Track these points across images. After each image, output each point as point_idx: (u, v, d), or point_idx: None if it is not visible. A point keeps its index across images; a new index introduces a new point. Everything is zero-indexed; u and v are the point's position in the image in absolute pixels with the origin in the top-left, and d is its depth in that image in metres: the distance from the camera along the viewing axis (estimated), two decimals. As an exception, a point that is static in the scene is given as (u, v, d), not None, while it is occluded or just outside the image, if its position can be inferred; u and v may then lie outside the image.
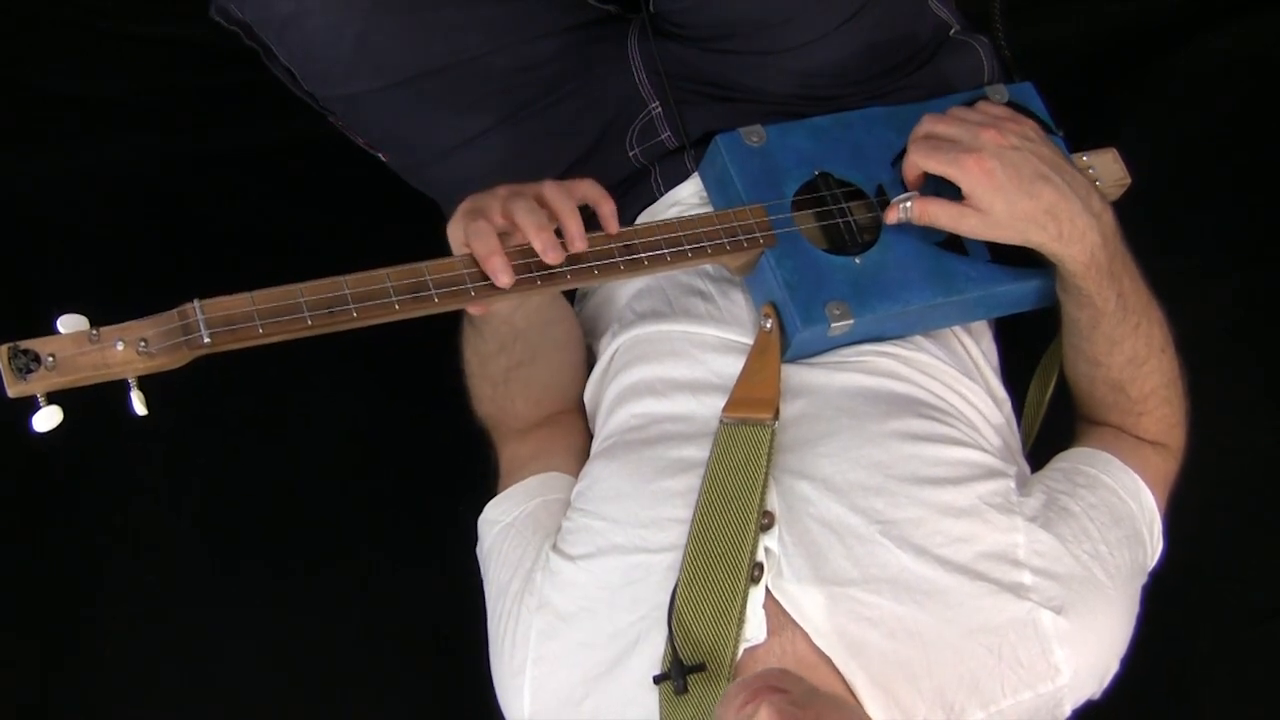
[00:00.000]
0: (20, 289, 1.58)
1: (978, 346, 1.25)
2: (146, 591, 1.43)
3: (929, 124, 1.15)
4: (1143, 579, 1.14)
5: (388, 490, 1.49)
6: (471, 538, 1.24)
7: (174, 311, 0.92)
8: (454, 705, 1.37)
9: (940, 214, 1.12)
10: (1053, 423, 1.30)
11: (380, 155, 1.42)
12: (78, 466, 1.41)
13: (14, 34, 1.68)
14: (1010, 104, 1.28)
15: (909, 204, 1.14)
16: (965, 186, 1.10)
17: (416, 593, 1.43)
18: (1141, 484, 1.15)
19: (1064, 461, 1.18)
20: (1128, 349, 1.16)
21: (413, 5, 1.27)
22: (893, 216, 1.15)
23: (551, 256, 1.01)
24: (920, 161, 1.13)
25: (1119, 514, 1.12)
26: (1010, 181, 1.09)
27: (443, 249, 1.06)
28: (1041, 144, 1.13)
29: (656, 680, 1.01)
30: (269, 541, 1.45)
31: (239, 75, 1.43)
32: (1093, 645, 1.05)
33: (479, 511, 1.23)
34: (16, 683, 1.39)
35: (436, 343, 1.21)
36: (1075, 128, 1.31)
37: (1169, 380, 1.19)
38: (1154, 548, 1.16)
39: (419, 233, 1.27)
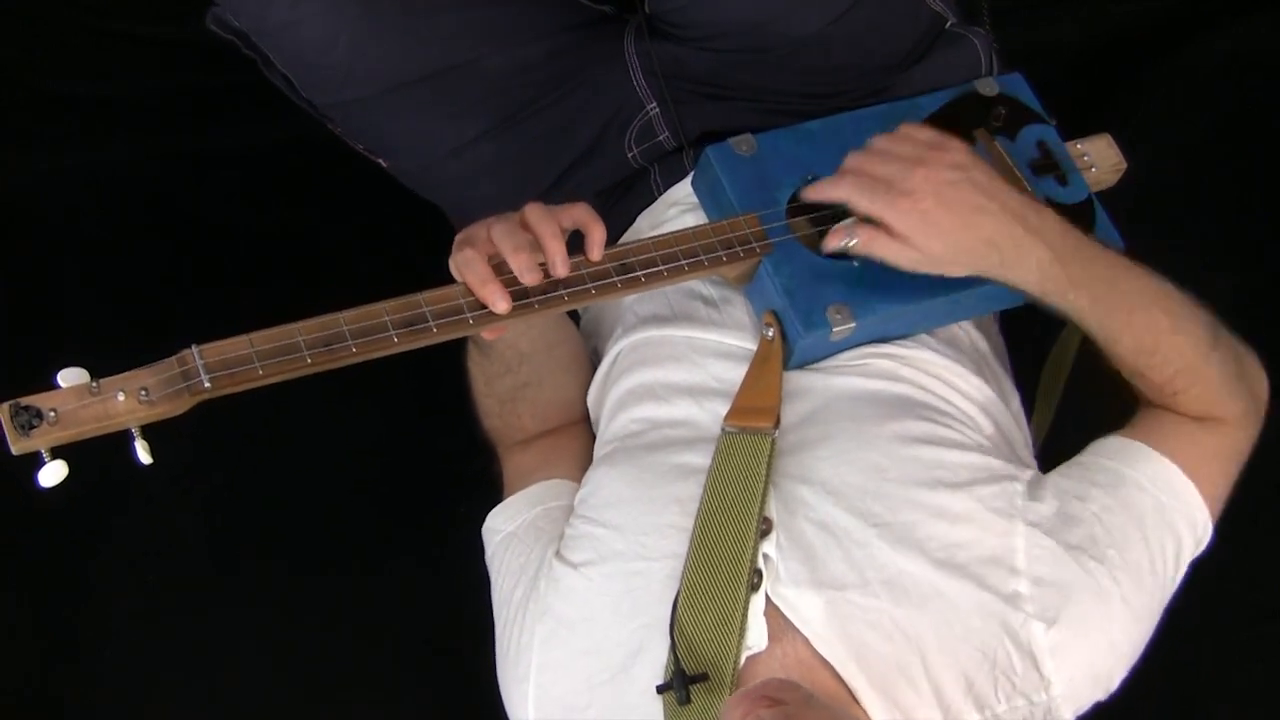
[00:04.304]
0: (20, 289, 1.58)
1: (985, 339, 1.25)
2: (148, 595, 1.43)
3: (858, 161, 1.11)
4: (1170, 573, 1.11)
5: (390, 494, 1.49)
6: (473, 540, 1.24)
7: (173, 359, 0.91)
8: (456, 710, 1.37)
9: (883, 249, 1.08)
10: (1066, 417, 1.30)
11: (380, 161, 1.42)
12: (80, 468, 1.41)
13: (15, 34, 1.69)
14: (1000, 95, 1.29)
15: (852, 236, 1.09)
16: (902, 230, 1.07)
17: (419, 596, 1.43)
18: (1176, 471, 1.12)
19: (1089, 455, 1.15)
20: (1128, 341, 1.13)
21: (405, 10, 1.27)
22: (833, 243, 1.11)
23: (528, 279, 1.00)
24: (854, 202, 1.09)
25: (1140, 511, 1.09)
26: (946, 220, 1.06)
27: (443, 248, 1.06)
28: (974, 168, 1.09)
29: (660, 690, 1.01)
30: (272, 544, 1.45)
31: (239, 75, 1.43)
32: (1089, 655, 1.04)
33: (481, 515, 1.23)
34: (19, 683, 1.39)
35: (439, 349, 1.21)
36: (1075, 127, 1.32)
37: (1190, 362, 1.14)
38: (1198, 536, 1.12)
39: (419, 232, 1.28)
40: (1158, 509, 1.10)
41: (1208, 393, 1.15)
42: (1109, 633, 1.06)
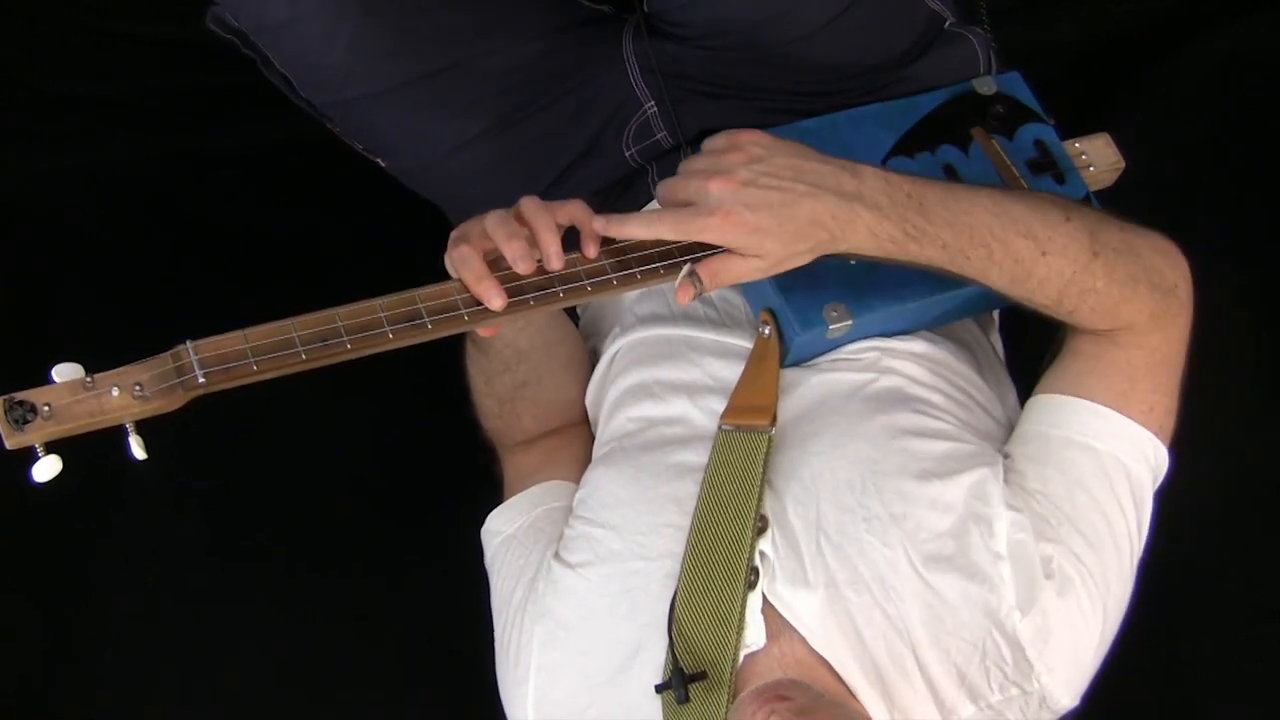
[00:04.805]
0: (20, 288, 1.58)
1: (985, 335, 1.25)
2: (146, 593, 1.43)
3: (660, 193, 1.06)
4: (1133, 521, 1.08)
5: (390, 494, 1.49)
6: (473, 539, 1.24)
7: (167, 354, 0.91)
8: (456, 710, 1.37)
9: (728, 274, 1.03)
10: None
11: (379, 161, 1.42)
12: (79, 465, 1.41)
13: (15, 34, 1.69)
14: (998, 94, 1.29)
15: (696, 278, 1.02)
16: (727, 245, 1.01)
17: (418, 597, 1.43)
18: (1099, 410, 1.10)
19: (1019, 425, 1.15)
20: (998, 276, 1.08)
21: (403, 9, 1.28)
22: (686, 297, 1.03)
23: (522, 267, 0.99)
24: (669, 236, 1.03)
25: (1078, 470, 1.08)
26: (764, 220, 1.00)
27: (443, 248, 1.06)
28: (771, 154, 1.03)
29: (658, 689, 1.01)
30: (270, 544, 1.45)
31: (239, 75, 1.43)
32: (1068, 638, 1.04)
33: (480, 512, 1.23)
34: (16, 682, 1.39)
35: (438, 348, 1.22)
36: (1075, 127, 1.32)
37: (1070, 278, 1.08)
38: (1150, 466, 1.10)
39: (419, 232, 1.27)
40: (1094, 459, 1.09)
41: (1101, 303, 1.10)
42: (1083, 614, 1.05)
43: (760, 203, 1.00)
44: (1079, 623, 1.04)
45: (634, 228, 1.03)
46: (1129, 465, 1.09)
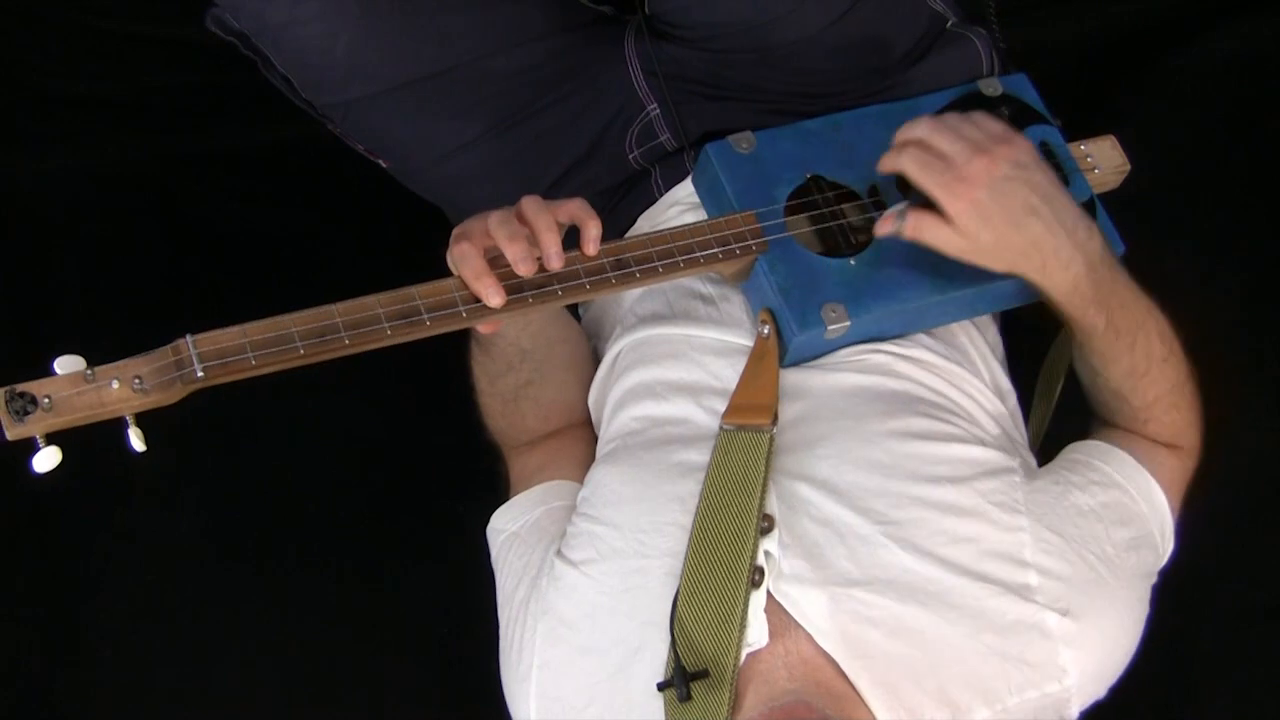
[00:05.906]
0: (20, 289, 1.58)
1: (983, 338, 1.25)
2: (146, 593, 1.43)
3: (924, 130, 1.10)
4: (1151, 580, 1.14)
5: (390, 491, 1.49)
6: (473, 539, 1.24)
7: (167, 347, 0.92)
8: (456, 710, 1.37)
9: (931, 234, 1.08)
10: (1061, 419, 1.30)
11: (380, 162, 1.42)
12: (78, 465, 1.41)
13: (15, 34, 1.69)
14: (1004, 95, 1.28)
15: (904, 219, 1.09)
16: (952, 213, 1.07)
17: (418, 594, 1.43)
18: (1155, 485, 1.15)
19: (1078, 453, 1.17)
20: (1124, 364, 1.15)
21: (404, 11, 1.28)
22: (885, 229, 1.10)
23: (522, 269, 1.00)
24: (910, 172, 1.09)
25: (1129, 515, 1.12)
26: (998, 214, 1.06)
27: (443, 249, 1.06)
28: (1034, 169, 1.09)
29: (660, 687, 1.02)
30: (270, 542, 1.45)
31: (239, 75, 1.43)
32: (1098, 647, 1.05)
33: (481, 512, 1.24)
34: (16, 682, 1.39)
35: (439, 348, 1.22)
36: (1076, 127, 1.31)
37: (1172, 387, 1.17)
38: (1165, 549, 1.16)
39: (419, 232, 1.28)
40: (1140, 517, 1.13)
41: (1179, 421, 1.18)
42: (1115, 629, 1.07)
43: (1005, 198, 1.06)
44: (1112, 633, 1.06)
45: (885, 161, 1.11)
46: (1158, 543, 1.15)
